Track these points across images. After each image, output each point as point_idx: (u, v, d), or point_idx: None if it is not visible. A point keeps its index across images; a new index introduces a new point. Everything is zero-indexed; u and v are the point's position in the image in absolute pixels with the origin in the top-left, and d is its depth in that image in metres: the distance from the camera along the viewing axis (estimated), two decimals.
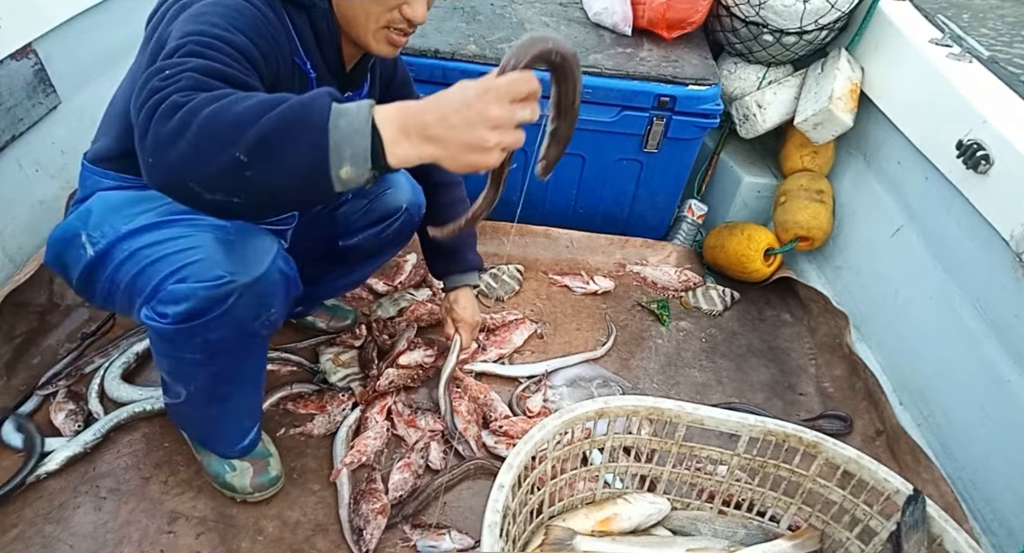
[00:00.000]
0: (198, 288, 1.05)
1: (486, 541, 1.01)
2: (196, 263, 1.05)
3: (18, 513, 1.35)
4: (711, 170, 2.41)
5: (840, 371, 1.91)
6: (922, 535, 1.13)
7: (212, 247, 1.07)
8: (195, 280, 1.05)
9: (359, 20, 1.13)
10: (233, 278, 1.06)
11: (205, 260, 1.06)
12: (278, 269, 1.13)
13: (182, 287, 1.05)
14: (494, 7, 2.15)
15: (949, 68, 1.76)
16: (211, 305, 1.06)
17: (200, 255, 1.06)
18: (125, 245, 1.11)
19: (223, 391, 1.29)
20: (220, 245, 1.08)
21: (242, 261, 1.08)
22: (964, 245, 1.67)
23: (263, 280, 1.10)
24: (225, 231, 1.10)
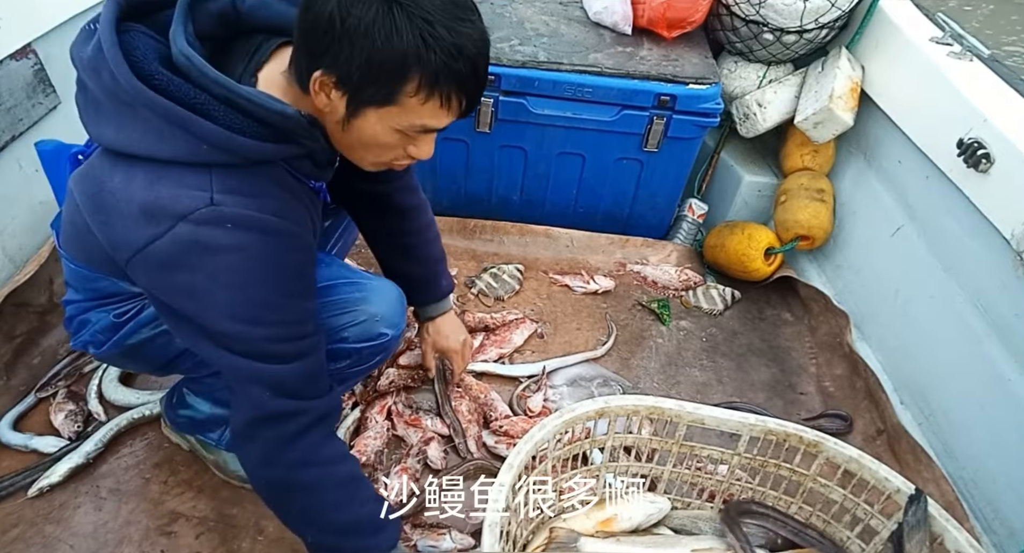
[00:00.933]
0: (362, 347, 1.21)
1: (486, 541, 1.01)
2: (358, 326, 1.20)
3: (18, 513, 1.35)
4: (711, 169, 2.41)
5: (841, 370, 1.91)
6: (924, 535, 1.13)
7: (367, 310, 1.21)
8: (357, 340, 1.20)
9: (355, 155, 1.04)
10: (390, 334, 1.24)
11: (366, 322, 1.20)
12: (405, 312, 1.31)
13: (346, 346, 1.20)
14: (494, 6, 2.14)
15: (950, 67, 1.76)
16: (370, 357, 1.26)
17: (361, 317, 1.20)
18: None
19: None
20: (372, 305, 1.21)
21: (392, 317, 1.24)
22: (965, 244, 1.67)
23: (403, 328, 1.30)
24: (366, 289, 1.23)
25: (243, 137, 0.89)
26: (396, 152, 1.01)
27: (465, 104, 0.95)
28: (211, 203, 0.88)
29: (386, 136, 0.96)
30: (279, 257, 0.94)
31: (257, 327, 0.95)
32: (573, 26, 2.12)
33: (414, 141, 1.00)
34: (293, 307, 0.99)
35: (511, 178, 2.18)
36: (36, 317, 1.68)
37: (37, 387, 1.56)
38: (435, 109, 0.92)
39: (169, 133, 0.87)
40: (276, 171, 0.98)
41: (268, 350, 0.97)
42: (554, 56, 1.94)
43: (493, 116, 1.99)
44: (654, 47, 2.06)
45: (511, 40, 1.98)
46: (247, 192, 0.91)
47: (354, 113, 0.93)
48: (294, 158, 0.99)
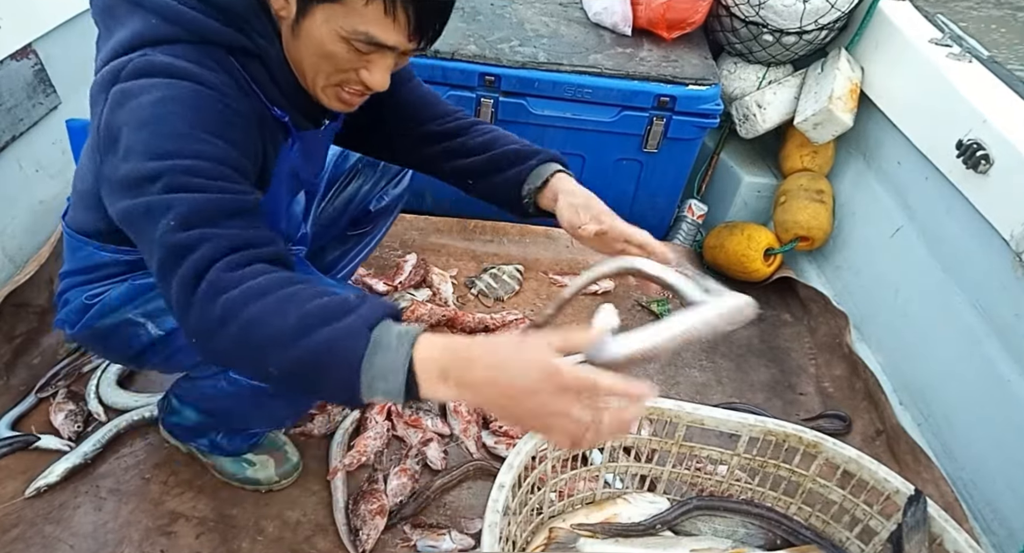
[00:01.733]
0: None
1: (486, 541, 1.01)
2: None
3: (18, 513, 1.35)
4: (711, 170, 2.41)
5: (840, 371, 1.91)
6: (923, 535, 1.13)
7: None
8: None
9: (306, 73, 1.01)
10: None
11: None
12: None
13: None
14: (494, 7, 2.15)
15: (949, 68, 1.76)
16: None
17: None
18: None
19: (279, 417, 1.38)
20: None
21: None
22: (964, 245, 1.67)
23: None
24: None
25: (191, 10, 0.91)
26: (347, 73, 0.98)
27: (413, 18, 0.91)
28: (145, 54, 0.90)
29: (333, 44, 0.93)
30: (202, 99, 0.90)
31: (172, 159, 0.86)
32: (573, 27, 2.12)
33: (366, 61, 0.96)
34: (215, 146, 0.89)
35: None
36: (36, 317, 1.68)
37: (37, 387, 1.56)
38: (379, 15, 0.89)
39: (130, 18, 0.92)
40: (227, 62, 0.96)
41: (182, 181, 0.85)
42: (554, 57, 1.94)
43: (493, 117, 1.99)
44: (654, 48, 2.06)
45: (511, 41, 1.98)
46: (184, 55, 0.91)
47: (303, 11, 0.92)
48: (246, 57, 0.97)
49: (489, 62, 1.91)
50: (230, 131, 0.92)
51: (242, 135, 0.95)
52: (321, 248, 1.61)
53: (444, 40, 1.93)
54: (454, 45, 1.92)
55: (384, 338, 0.77)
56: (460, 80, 1.93)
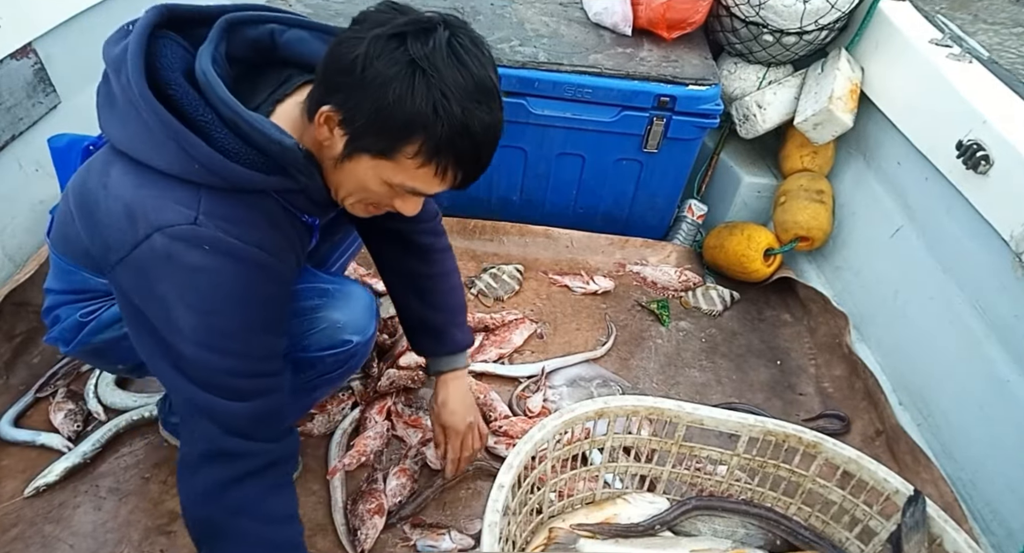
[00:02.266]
0: (325, 355, 1.19)
1: (486, 541, 1.01)
2: (318, 333, 1.17)
3: (18, 513, 1.35)
4: (711, 170, 2.41)
5: (840, 371, 1.91)
6: (922, 536, 1.13)
7: (328, 316, 1.18)
8: (319, 349, 1.18)
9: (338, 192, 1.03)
10: (355, 341, 1.20)
11: (327, 329, 1.17)
12: (377, 319, 1.27)
13: (308, 356, 1.17)
14: (494, 7, 2.15)
15: (949, 68, 1.76)
16: (336, 366, 1.22)
17: (321, 325, 1.17)
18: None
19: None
20: (334, 311, 1.18)
21: (357, 322, 1.21)
22: (964, 245, 1.67)
23: (373, 335, 1.25)
24: (329, 295, 1.20)
25: (236, 164, 0.90)
26: (381, 202, 1.02)
27: (460, 180, 0.96)
28: (194, 222, 0.89)
29: (375, 185, 0.96)
30: (252, 288, 0.94)
31: (219, 357, 0.93)
32: (573, 27, 2.12)
33: (402, 198, 1.00)
34: (260, 342, 0.97)
35: (511, 178, 2.18)
36: (36, 317, 1.68)
37: (36, 387, 1.56)
38: (429, 176, 0.94)
39: (164, 144, 0.88)
40: (267, 202, 0.97)
41: (226, 384, 0.94)
42: (554, 57, 1.94)
43: None
44: (654, 48, 2.06)
45: (511, 41, 1.98)
46: (232, 219, 0.91)
47: (350, 155, 0.93)
48: (288, 192, 0.99)
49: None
50: (277, 313, 1.00)
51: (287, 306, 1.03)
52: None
53: None
54: None
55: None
56: None
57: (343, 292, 1.22)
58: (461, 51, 0.89)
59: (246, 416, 0.96)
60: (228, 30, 0.97)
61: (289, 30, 1.02)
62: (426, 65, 0.86)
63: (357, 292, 1.24)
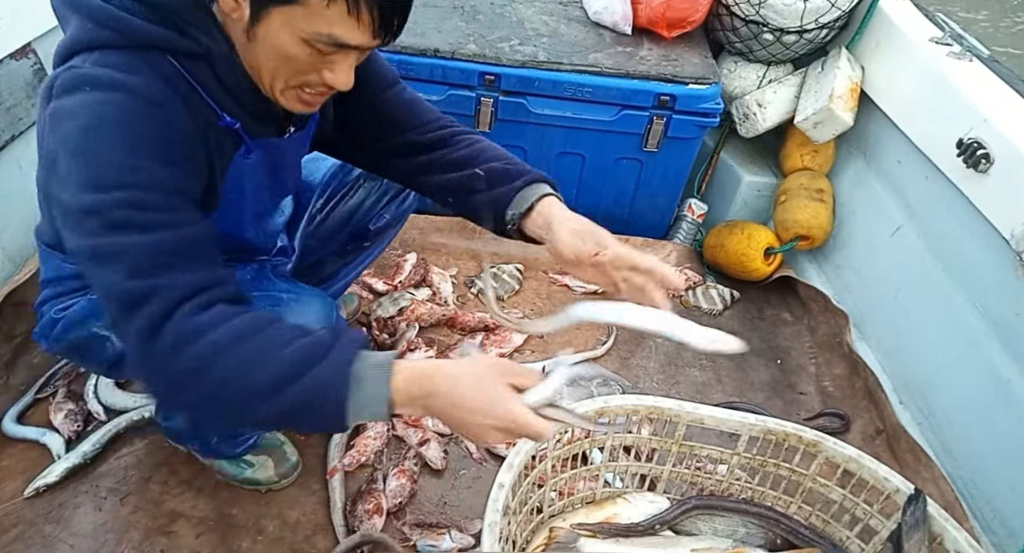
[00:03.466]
0: None
1: (486, 541, 1.01)
2: None
3: (18, 513, 1.35)
4: (711, 169, 2.41)
5: (840, 370, 1.91)
6: (923, 534, 1.13)
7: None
8: None
9: (263, 77, 0.95)
10: None
11: None
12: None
13: None
14: (494, 6, 2.14)
15: (949, 67, 1.76)
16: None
17: None
18: None
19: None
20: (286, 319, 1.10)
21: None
22: (964, 244, 1.67)
23: None
24: (283, 303, 1.12)
25: (126, 14, 0.86)
26: (308, 75, 0.94)
27: (377, 17, 0.87)
28: (76, 66, 0.86)
29: (294, 47, 0.89)
30: (137, 118, 0.85)
31: (109, 192, 0.83)
32: (573, 26, 2.12)
33: (329, 62, 0.92)
34: (152, 171, 0.85)
35: None
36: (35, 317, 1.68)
37: (36, 387, 1.56)
38: (342, 15, 0.85)
39: (69, 17, 0.88)
40: (167, 67, 0.90)
41: (121, 217, 0.83)
42: (554, 56, 1.94)
43: (493, 116, 1.99)
44: (654, 47, 2.06)
45: (511, 40, 1.98)
46: (117, 63, 0.86)
47: (258, 15, 0.87)
48: (189, 59, 0.92)
49: (489, 61, 1.91)
50: (169, 150, 0.88)
51: (182, 152, 0.90)
52: (319, 261, 1.57)
53: (444, 39, 1.94)
54: (454, 44, 1.92)
55: (364, 372, 0.84)
56: (460, 79, 1.92)
57: (298, 300, 1.14)
58: None
59: (150, 249, 0.83)
60: None
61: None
62: None
63: (313, 300, 1.16)
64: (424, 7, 2.07)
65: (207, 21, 0.91)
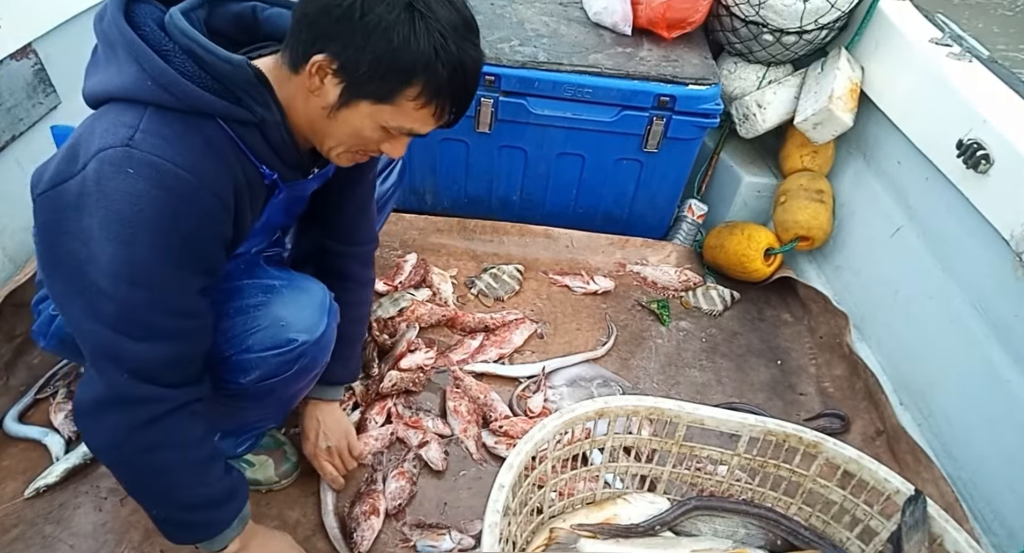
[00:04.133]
0: (268, 356, 1.11)
1: (486, 541, 1.01)
2: (259, 332, 1.10)
3: (18, 513, 1.35)
4: (711, 170, 2.41)
5: (840, 371, 1.91)
6: (923, 535, 1.13)
7: (271, 313, 1.11)
8: (262, 349, 1.10)
9: (324, 142, 1.03)
10: (301, 340, 1.12)
11: (269, 328, 1.10)
12: (333, 317, 1.20)
13: (250, 357, 1.10)
14: (494, 7, 2.14)
15: (949, 67, 1.76)
16: (283, 368, 1.13)
17: (262, 323, 1.10)
18: None
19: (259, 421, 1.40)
20: (278, 308, 1.12)
21: (304, 321, 1.14)
22: (964, 245, 1.67)
23: (325, 335, 1.17)
24: (275, 291, 1.14)
25: (187, 80, 0.90)
26: (369, 147, 1.03)
27: (452, 118, 1.00)
28: (128, 142, 0.87)
29: (371, 131, 0.98)
30: (175, 219, 0.90)
31: (133, 289, 0.89)
32: (573, 27, 2.12)
33: (393, 140, 1.02)
34: (178, 279, 0.93)
35: (511, 178, 2.18)
36: None
37: (36, 388, 1.56)
38: (427, 116, 0.97)
39: (127, 66, 0.90)
40: (215, 130, 0.94)
41: (138, 319, 0.91)
42: (554, 57, 1.94)
43: (493, 116, 1.99)
44: (654, 48, 2.06)
45: (511, 41, 1.98)
46: (170, 138, 0.89)
47: (347, 102, 0.94)
48: (241, 125, 0.97)
49: (489, 62, 1.91)
50: (199, 250, 0.95)
51: (212, 246, 0.97)
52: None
53: None
54: None
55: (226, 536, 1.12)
56: None
57: (292, 287, 1.16)
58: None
59: (156, 359, 0.94)
60: (210, 2, 0.99)
61: (271, 8, 1.03)
62: (423, 7, 0.89)
63: (309, 288, 1.18)
64: None
65: (264, 94, 0.96)
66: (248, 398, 1.16)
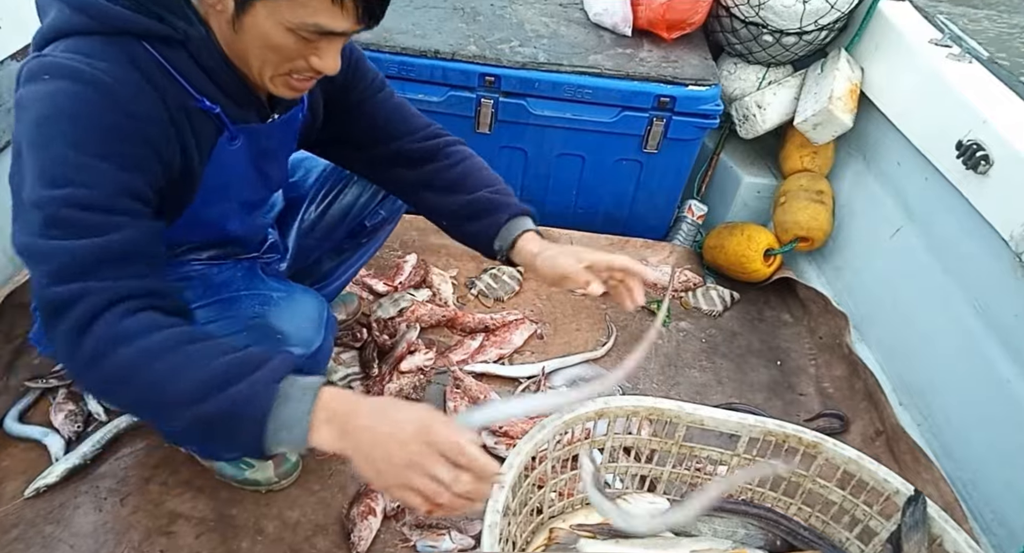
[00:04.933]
0: None
1: (486, 541, 1.01)
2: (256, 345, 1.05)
3: (18, 513, 1.35)
4: (711, 170, 2.41)
5: (840, 371, 1.91)
6: (922, 536, 1.13)
7: (268, 326, 1.08)
8: None
9: (252, 65, 0.96)
10: (297, 353, 1.07)
11: (265, 341, 1.06)
12: (330, 330, 1.16)
13: None
14: (494, 7, 2.15)
15: (949, 68, 1.76)
16: None
17: (260, 335, 1.07)
18: None
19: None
20: (275, 321, 1.09)
21: (301, 333, 1.10)
22: (964, 245, 1.67)
23: (321, 349, 1.14)
24: (272, 303, 1.10)
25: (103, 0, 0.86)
26: (295, 61, 0.94)
27: (361, 3, 0.88)
28: (40, 54, 0.85)
29: (279, 37, 0.90)
30: (95, 112, 0.84)
31: (53, 190, 0.82)
32: (573, 27, 2.12)
33: (315, 48, 0.93)
34: (99, 171, 0.84)
35: (511, 179, 2.14)
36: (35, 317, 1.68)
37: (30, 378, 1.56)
38: (326, 4, 0.86)
39: (47, 8, 0.88)
40: (142, 54, 0.89)
41: (59, 216, 0.82)
42: (554, 57, 1.94)
43: (493, 117, 1.99)
44: (654, 48, 2.06)
45: (511, 41, 1.98)
46: (85, 50, 0.85)
47: (243, 6, 0.88)
48: (167, 46, 0.91)
49: (489, 62, 1.91)
50: (123, 145, 0.87)
51: (141, 145, 0.89)
52: (316, 260, 1.57)
53: (444, 40, 1.94)
54: (454, 45, 1.92)
55: (289, 391, 0.82)
56: (460, 80, 1.93)
57: (289, 300, 1.13)
58: None
59: (83, 254, 0.82)
60: None
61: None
62: None
63: (305, 300, 1.16)
64: (425, 8, 2.07)
65: (181, 6, 0.91)
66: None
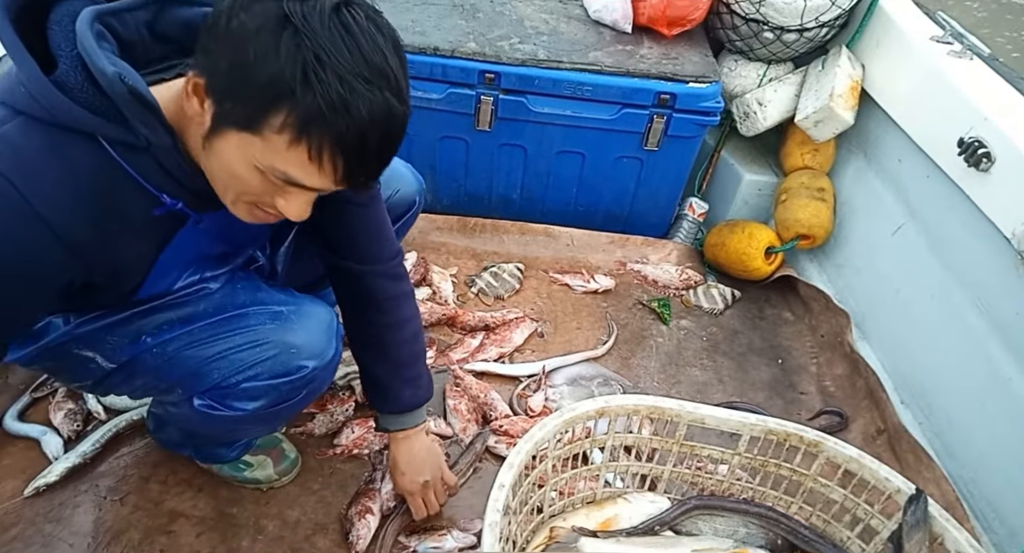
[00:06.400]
0: (279, 383, 1.08)
1: (487, 540, 1.01)
2: (270, 360, 1.07)
3: (18, 512, 1.35)
4: (712, 168, 2.40)
5: (841, 370, 1.91)
6: (924, 534, 1.13)
7: (281, 340, 1.08)
8: (271, 376, 1.07)
9: (216, 185, 0.89)
10: (311, 366, 1.09)
11: (280, 355, 1.07)
12: (340, 338, 1.16)
13: (259, 384, 1.07)
14: (493, 4, 2.14)
15: (950, 65, 1.75)
16: (292, 394, 1.11)
17: (272, 351, 1.07)
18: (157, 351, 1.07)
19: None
20: (287, 334, 1.08)
21: (314, 346, 1.10)
22: (965, 243, 1.66)
23: (334, 359, 1.15)
24: (282, 317, 1.09)
25: (62, 92, 0.78)
26: (261, 197, 0.87)
27: (343, 170, 0.80)
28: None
29: (245, 171, 0.82)
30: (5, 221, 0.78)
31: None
32: (573, 24, 2.11)
33: (282, 192, 0.85)
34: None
35: (511, 177, 2.17)
36: None
37: (33, 387, 1.56)
38: (302, 161, 0.79)
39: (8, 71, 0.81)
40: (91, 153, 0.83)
41: None
42: (554, 54, 1.94)
43: (493, 114, 1.99)
44: (654, 45, 2.06)
45: (511, 38, 1.98)
46: (21, 146, 0.78)
47: (216, 129, 0.81)
48: (127, 148, 0.84)
49: (489, 59, 1.90)
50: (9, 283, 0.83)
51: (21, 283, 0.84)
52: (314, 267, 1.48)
53: (444, 37, 1.94)
54: (454, 43, 1.91)
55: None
56: (460, 78, 1.92)
57: (299, 313, 1.11)
58: (352, 23, 0.76)
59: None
60: (159, 4, 0.88)
61: None
62: (299, 22, 0.73)
63: (315, 312, 1.14)
64: (424, 5, 2.06)
65: (146, 114, 0.82)
66: (251, 422, 1.14)
